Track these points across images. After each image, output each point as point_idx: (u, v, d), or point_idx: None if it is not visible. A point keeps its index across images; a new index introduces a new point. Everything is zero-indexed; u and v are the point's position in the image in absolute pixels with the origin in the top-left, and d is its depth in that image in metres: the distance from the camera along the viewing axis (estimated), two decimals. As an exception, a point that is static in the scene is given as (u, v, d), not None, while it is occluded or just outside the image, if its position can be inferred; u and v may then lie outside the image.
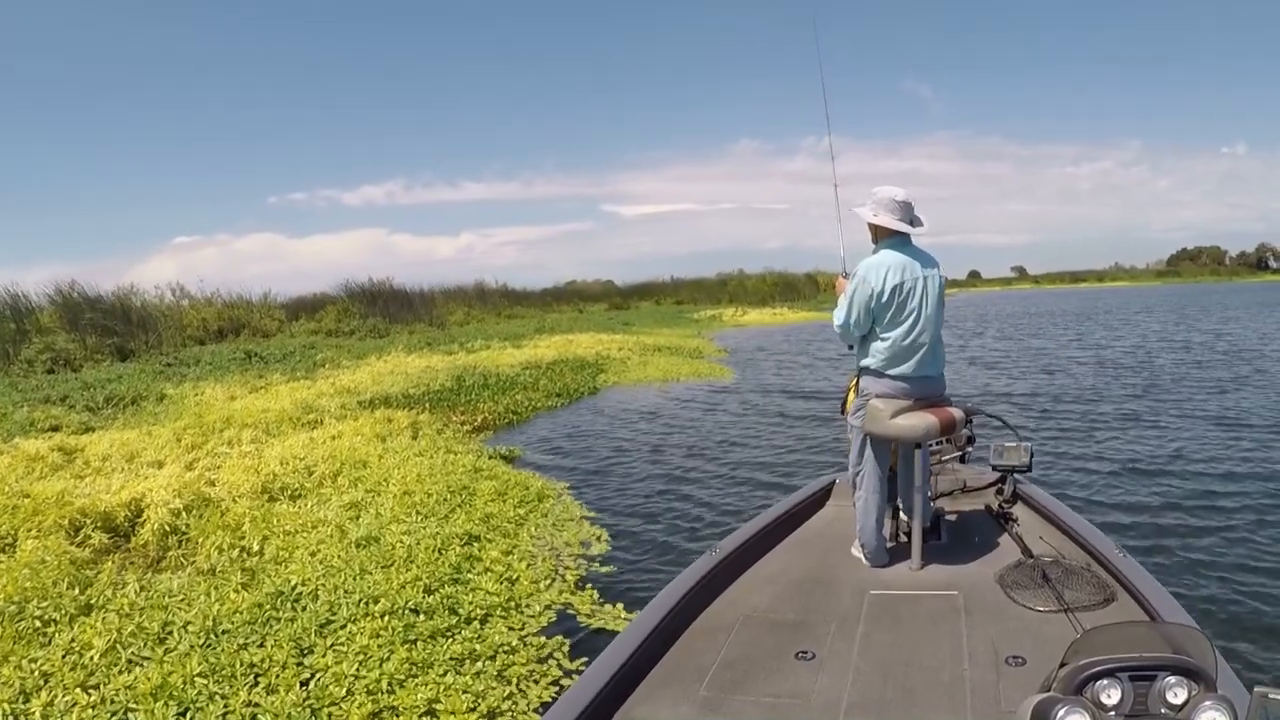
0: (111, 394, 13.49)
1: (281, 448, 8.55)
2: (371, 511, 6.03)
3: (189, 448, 8.98)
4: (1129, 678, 1.81)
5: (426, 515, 5.92)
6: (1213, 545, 5.43)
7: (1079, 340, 22.93)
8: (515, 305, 42.84)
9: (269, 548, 5.55)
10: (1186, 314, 34.47)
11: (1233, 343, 20.03)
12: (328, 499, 6.54)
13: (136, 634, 4.13)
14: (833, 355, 20.41)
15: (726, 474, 7.92)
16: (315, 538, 5.56)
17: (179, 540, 6.14)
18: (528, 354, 19.09)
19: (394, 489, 6.58)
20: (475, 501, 6.36)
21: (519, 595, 4.66)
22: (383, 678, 3.60)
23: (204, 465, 8.15)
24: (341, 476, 7.22)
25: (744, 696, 2.73)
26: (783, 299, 54.51)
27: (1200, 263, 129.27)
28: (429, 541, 5.25)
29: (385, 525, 5.65)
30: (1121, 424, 9.64)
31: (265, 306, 30.00)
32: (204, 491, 7.12)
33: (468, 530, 5.57)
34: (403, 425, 9.67)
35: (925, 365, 3.70)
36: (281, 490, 7.02)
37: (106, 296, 22.23)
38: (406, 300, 33.68)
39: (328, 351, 20.77)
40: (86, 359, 18.83)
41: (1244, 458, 7.75)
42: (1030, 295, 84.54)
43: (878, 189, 3.67)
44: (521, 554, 5.33)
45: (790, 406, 12.12)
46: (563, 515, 6.39)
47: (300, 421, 10.23)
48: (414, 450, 8.25)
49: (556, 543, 5.71)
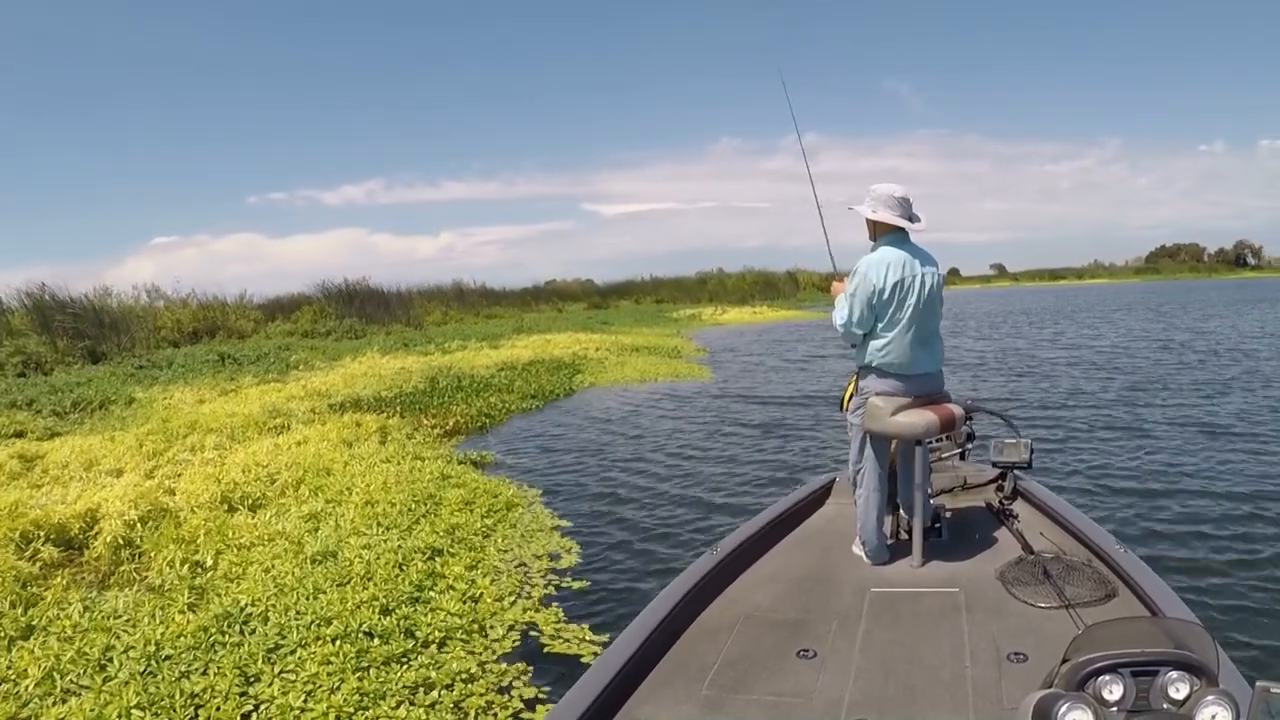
0: (80, 398, 13.20)
1: (245, 454, 8.30)
2: (331, 523, 5.77)
3: (150, 454, 8.71)
4: (1131, 673, 1.78)
5: (388, 527, 5.66)
6: (1212, 540, 5.42)
7: (1055, 340, 22.83)
8: (494, 305, 42.68)
9: (223, 562, 5.32)
10: (1164, 311, 34.49)
11: (1216, 341, 19.97)
12: (288, 509, 6.29)
13: (76, 660, 3.91)
14: (802, 357, 20.30)
15: (702, 480, 7.71)
16: (271, 552, 5.31)
17: (132, 554, 5.91)
18: (504, 354, 18.85)
19: (357, 498, 6.32)
20: (441, 511, 6.11)
21: (482, 615, 4.42)
22: (330, 710, 3.37)
23: (165, 473, 7.90)
24: (304, 485, 6.97)
25: (746, 695, 2.71)
26: (762, 297, 54.57)
27: (1179, 260, 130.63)
28: (389, 556, 4.99)
29: (345, 538, 5.39)
30: (1105, 432, 9.49)
31: (240, 307, 29.84)
32: (162, 501, 6.87)
33: (431, 543, 5.31)
34: (371, 430, 9.41)
35: (925, 362, 3.69)
36: (242, 500, 6.78)
37: (78, 298, 22.07)
38: (383, 300, 33.49)
39: (302, 353, 20.52)
40: (58, 362, 18.62)
41: (1234, 460, 7.69)
42: (1009, 293, 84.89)
43: (876, 186, 3.66)
44: (486, 568, 5.10)
45: (766, 409, 11.90)
46: (532, 525, 6.15)
47: (266, 426, 9.97)
48: (381, 456, 8.00)
49: (524, 555, 5.46)
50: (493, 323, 34.06)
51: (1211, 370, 14.23)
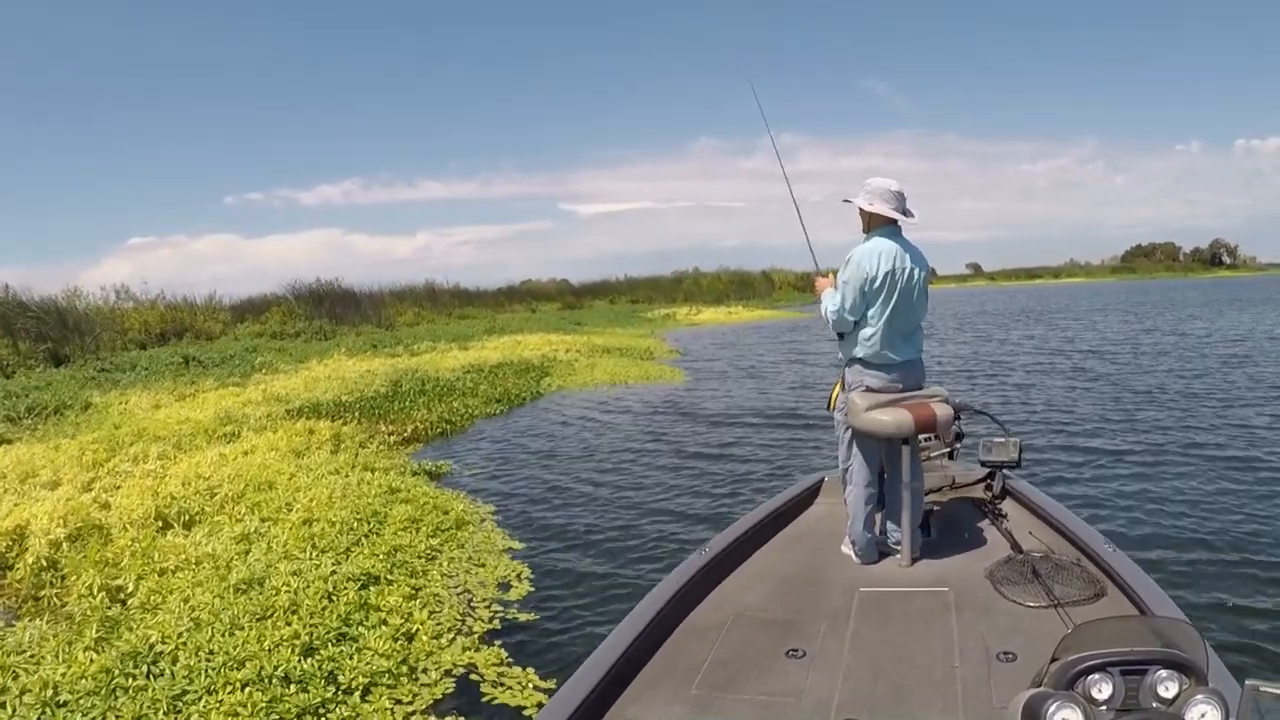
0: (35, 403, 12.72)
1: (188, 465, 7.89)
2: (263, 545, 5.35)
3: (90, 465, 8.26)
4: (1120, 672, 1.78)
5: (324, 550, 5.22)
6: (1201, 539, 5.40)
7: (1038, 345, 22.63)
8: (468, 305, 42.21)
9: (143, 588, 4.91)
10: (1141, 312, 34.11)
11: (1196, 342, 19.74)
12: (221, 528, 5.88)
13: (-35, 707, 3.50)
14: (776, 359, 20.02)
15: (668, 494, 7.28)
16: (194, 578, 4.91)
17: (55, 577, 5.51)
18: (473, 356, 18.43)
19: (295, 516, 5.88)
20: (384, 531, 5.67)
21: (415, 656, 4.01)
22: (230, 773, 2.99)
23: (103, 485, 7.49)
24: (244, 500, 6.56)
25: (735, 695, 2.70)
26: (738, 297, 54.35)
27: (1155, 259, 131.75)
28: (319, 585, 4.55)
29: (274, 563, 4.95)
30: (1093, 437, 9.23)
31: (209, 308, 29.48)
32: (95, 517, 6.47)
33: (368, 569, 4.87)
34: (324, 438, 8.98)
35: (907, 351, 3.78)
36: (178, 515, 6.37)
37: (41, 300, 21.64)
38: (354, 301, 33.10)
39: (268, 355, 20.09)
40: (20, 365, 18.19)
41: (1223, 458, 7.65)
42: (985, 293, 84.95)
43: (871, 180, 3.74)
44: (427, 598, 4.68)
45: (737, 415, 11.47)
46: (483, 546, 5.74)
47: (216, 434, 9.53)
48: (330, 468, 7.57)
49: (470, 582, 5.04)
50: (465, 323, 33.60)
51: (1190, 368, 14.05)
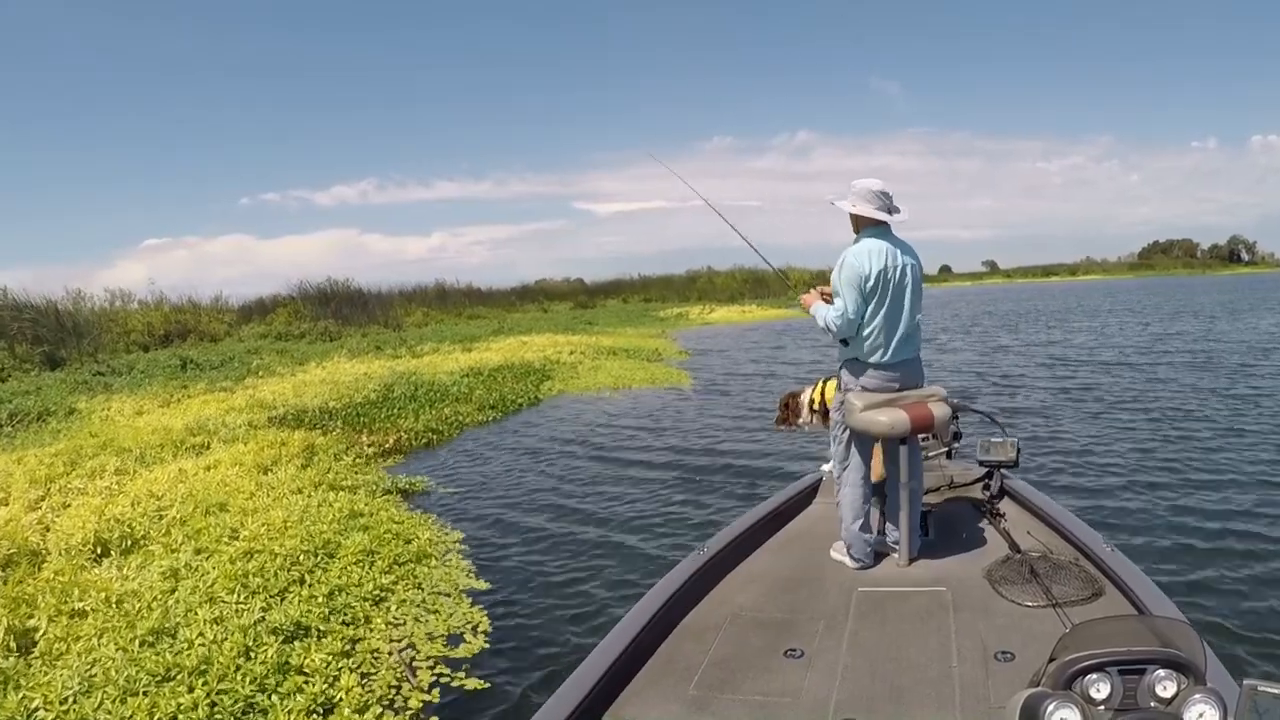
0: (17, 409, 12.21)
1: (145, 481, 7.29)
2: (191, 583, 4.71)
3: (44, 480, 7.68)
4: (1118, 672, 1.76)
5: (255, 591, 4.55)
6: (1202, 541, 5.35)
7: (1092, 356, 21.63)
8: (479, 305, 41.80)
9: (53, 632, 4.28)
10: (1180, 316, 29.24)
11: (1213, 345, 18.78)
12: (152, 559, 5.25)
13: None
14: (791, 359, 19.31)
15: (659, 524, 6.42)
16: (105, 622, 4.27)
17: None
18: (474, 358, 17.83)
19: (236, 547, 5.24)
20: (332, 567, 4.99)
21: (329, 734, 3.35)
22: None
23: (51, 504, 6.90)
24: (188, 524, 5.93)
25: (733, 695, 2.69)
26: (752, 296, 53.52)
27: (1173, 255, 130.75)
28: (237, 638, 3.88)
29: (196, 607, 4.29)
30: (1095, 431, 8.50)
31: (215, 310, 29.24)
32: (31, 542, 5.87)
33: (298, 617, 4.19)
34: (296, 450, 8.34)
35: (904, 350, 3.75)
36: (120, 540, 5.76)
37: (38, 302, 21.40)
38: (362, 301, 32.75)
39: (269, 357, 19.66)
40: (15, 368, 17.89)
41: (1221, 457, 7.57)
42: (1005, 290, 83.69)
43: (856, 182, 3.75)
44: (362, 655, 3.99)
45: (747, 422, 10.65)
46: (441, 585, 5.02)
47: (184, 446, 8.93)
48: (293, 486, 6.91)
49: (418, 634, 4.31)
50: (474, 324, 33.07)
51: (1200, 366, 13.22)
